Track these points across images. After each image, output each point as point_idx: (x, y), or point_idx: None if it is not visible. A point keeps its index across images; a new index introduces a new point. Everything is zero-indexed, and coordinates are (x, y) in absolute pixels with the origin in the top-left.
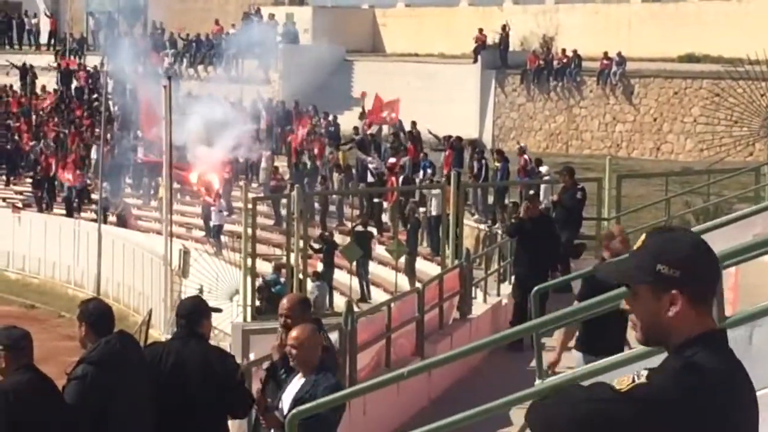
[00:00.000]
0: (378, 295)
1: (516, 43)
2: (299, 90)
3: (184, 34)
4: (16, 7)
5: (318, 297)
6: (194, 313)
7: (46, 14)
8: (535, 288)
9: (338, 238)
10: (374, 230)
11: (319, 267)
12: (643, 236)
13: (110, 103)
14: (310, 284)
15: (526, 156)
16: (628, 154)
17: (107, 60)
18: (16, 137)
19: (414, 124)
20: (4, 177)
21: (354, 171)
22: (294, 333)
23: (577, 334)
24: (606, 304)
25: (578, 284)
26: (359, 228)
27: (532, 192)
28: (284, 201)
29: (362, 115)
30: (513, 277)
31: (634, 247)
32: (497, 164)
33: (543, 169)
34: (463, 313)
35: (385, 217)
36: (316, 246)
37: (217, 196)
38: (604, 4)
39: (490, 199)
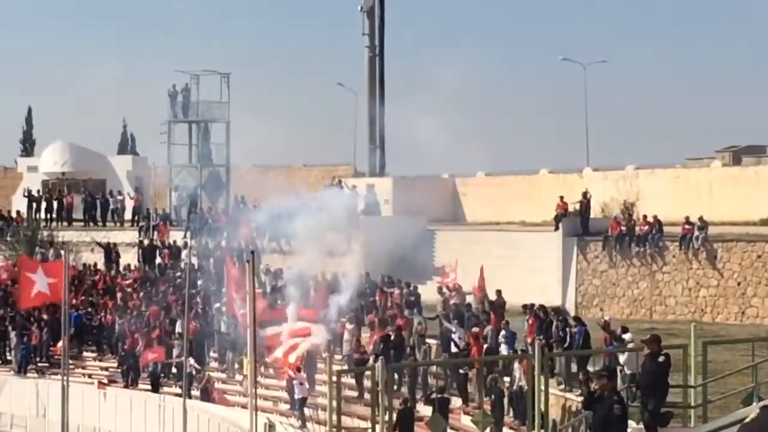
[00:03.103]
0: None
1: (597, 209)
2: (381, 261)
3: (265, 207)
4: (99, 185)
5: None
6: None
7: (129, 196)
8: None
9: (424, 410)
10: (459, 400)
11: None
12: (758, 410)
13: (194, 277)
14: None
15: (612, 328)
16: (712, 319)
17: (190, 235)
18: (101, 314)
19: (499, 292)
20: (90, 353)
21: (437, 341)
22: None
23: None
24: None
25: None
26: (436, 395)
27: (601, 371)
28: (368, 373)
29: (440, 290)
30: None
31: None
32: (574, 330)
33: (626, 336)
34: None
35: (470, 387)
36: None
37: (298, 369)
38: (684, 169)
39: (575, 368)
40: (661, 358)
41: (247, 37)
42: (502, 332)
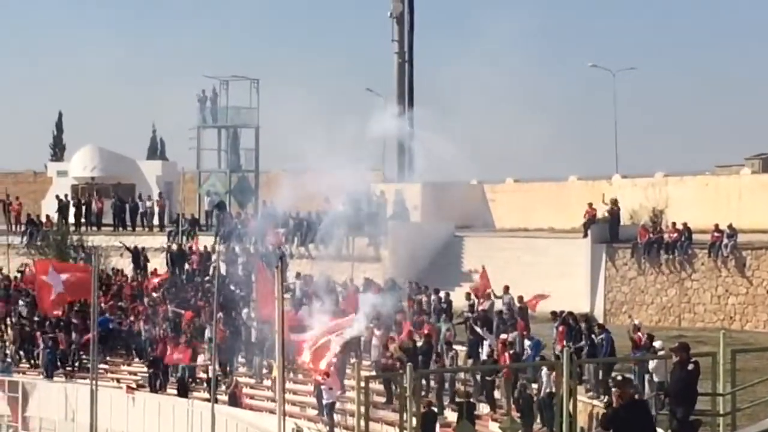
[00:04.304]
0: None
1: (626, 216)
2: (409, 267)
3: (294, 213)
4: (129, 190)
5: None
6: None
7: (156, 200)
8: None
9: (452, 415)
10: (486, 406)
11: None
12: None
13: (223, 283)
14: None
15: (640, 333)
16: (741, 327)
17: (219, 240)
18: (130, 319)
19: (521, 298)
20: (119, 358)
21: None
22: None
23: None
24: None
25: None
26: (461, 400)
27: (620, 377)
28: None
29: (468, 296)
30: None
31: None
32: (601, 337)
33: (657, 344)
34: None
35: (497, 393)
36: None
37: (327, 374)
38: (714, 177)
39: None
40: (690, 366)
41: (275, 42)
42: (526, 341)
